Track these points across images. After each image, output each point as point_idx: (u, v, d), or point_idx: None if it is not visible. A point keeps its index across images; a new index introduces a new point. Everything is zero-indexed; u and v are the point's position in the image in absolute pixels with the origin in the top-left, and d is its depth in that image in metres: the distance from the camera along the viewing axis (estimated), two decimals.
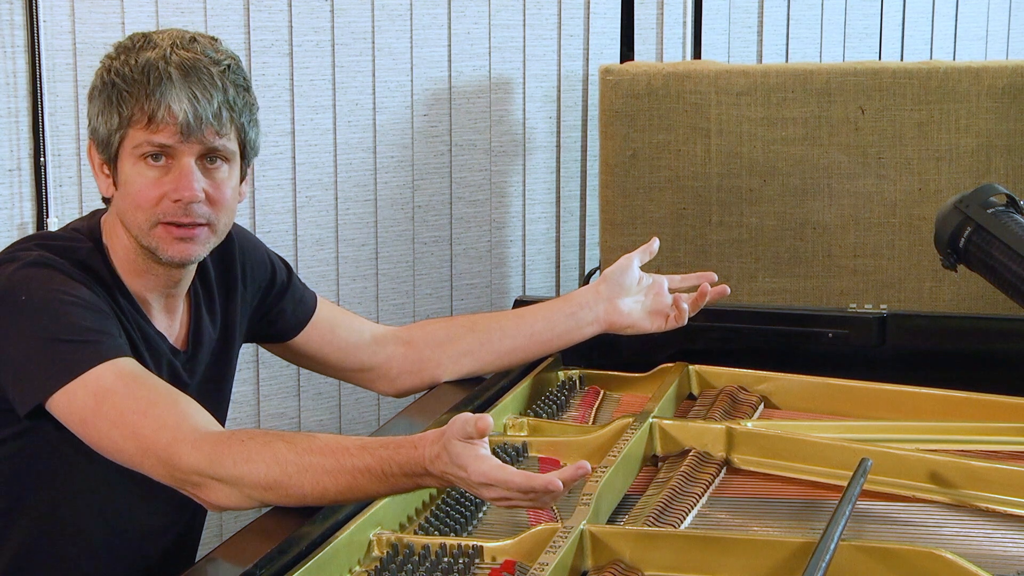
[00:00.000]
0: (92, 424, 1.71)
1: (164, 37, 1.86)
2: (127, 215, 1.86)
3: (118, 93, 1.82)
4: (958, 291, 3.18)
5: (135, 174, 1.84)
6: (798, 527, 1.73)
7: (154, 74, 1.81)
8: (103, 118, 1.85)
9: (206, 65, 1.84)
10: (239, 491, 1.64)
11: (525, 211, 3.61)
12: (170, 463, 1.67)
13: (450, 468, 1.57)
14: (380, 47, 3.33)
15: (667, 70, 3.26)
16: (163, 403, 1.71)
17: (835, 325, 2.33)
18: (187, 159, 1.83)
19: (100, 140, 1.86)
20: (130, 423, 1.69)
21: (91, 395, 1.70)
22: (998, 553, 1.64)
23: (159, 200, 1.83)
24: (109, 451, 1.72)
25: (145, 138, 1.82)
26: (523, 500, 1.56)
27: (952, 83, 3.18)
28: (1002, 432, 2.02)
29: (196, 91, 1.82)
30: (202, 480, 1.65)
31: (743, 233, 3.26)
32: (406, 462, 1.61)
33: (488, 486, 1.55)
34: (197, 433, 1.67)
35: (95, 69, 1.90)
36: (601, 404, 2.24)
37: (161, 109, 1.81)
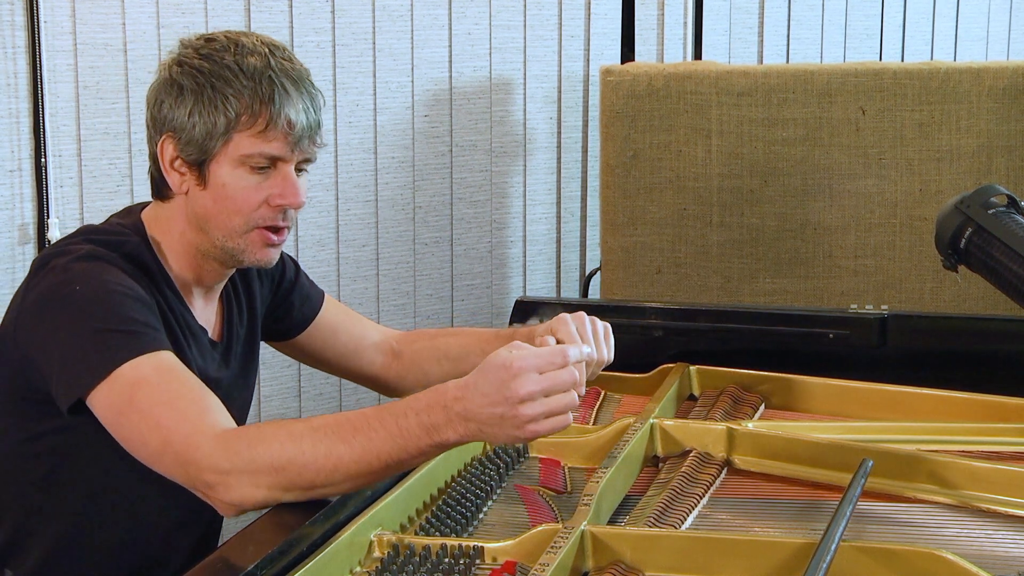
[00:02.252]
0: (125, 416, 1.70)
1: (255, 41, 1.88)
2: (215, 217, 1.87)
3: (222, 95, 1.83)
4: (959, 292, 3.18)
5: (236, 179, 1.85)
6: (799, 528, 1.73)
7: (266, 81, 1.83)
8: (198, 117, 1.84)
9: (305, 76, 1.88)
10: (251, 480, 1.61)
11: (526, 212, 3.61)
12: (186, 457, 1.65)
13: (475, 400, 1.56)
14: (381, 48, 3.33)
15: (668, 71, 3.26)
16: (189, 397, 1.71)
17: (836, 326, 2.33)
18: (290, 167, 1.87)
19: (190, 139, 1.85)
20: (156, 415, 1.68)
21: (128, 385, 1.70)
22: (999, 554, 1.64)
23: (260, 205, 1.86)
24: (136, 446, 1.71)
25: (256, 148, 1.83)
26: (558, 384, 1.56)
27: (953, 84, 3.18)
28: (1003, 433, 2.01)
29: (307, 102, 1.86)
30: (216, 478, 1.63)
31: (744, 234, 3.26)
32: (424, 408, 1.59)
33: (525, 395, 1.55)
34: (216, 429, 1.67)
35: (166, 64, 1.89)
36: (602, 405, 2.24)
37: (281, 119, 1.83)
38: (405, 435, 1.60)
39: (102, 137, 3.02)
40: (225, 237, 1.87)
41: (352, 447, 1.61)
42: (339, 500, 1.63)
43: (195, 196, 1.88)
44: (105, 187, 3.04)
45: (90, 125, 3.00)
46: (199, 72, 1.85)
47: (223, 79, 1.83)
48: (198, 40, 1.89)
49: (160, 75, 1.90)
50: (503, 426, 1.58)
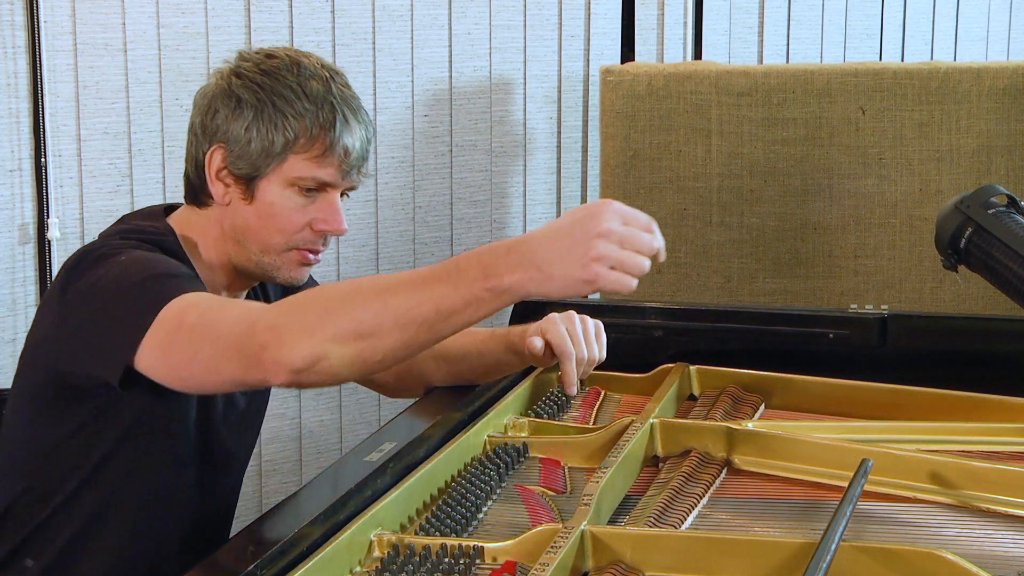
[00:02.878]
0: (176, 333, 1.67)
1: (316, 64, 1.89)
2: (256, 232, 1.89)
3: (283, 115, 1.84)
4: (959, 292, 3.18)
5: (284, 199, 1.87)
6: (799, 528, 1.73)
7: (327, 107, 1.85)
8: (256, 135, 1.85)
9: (360, 103, 1.91)
10: (302, 327, 1.57)
11: (526, 212, 3.61)
12: (240, 331, 1.62)
13: (544, 235, 1.53)
14: (381, 48, 3.33)
15: (668, 71, 3.26)
16: (243, 305, 1.71)
17: (836, 326, 2.33)
18: (336, 194, 1.90)
19: (243, 154, 1.86)
20: (208, 320, 1.67)
21: (176, 311, 1.68)
22: (999, 554, 1.64)
23: (303, 228, 1.88)
24: (186, 355, 1.68)
25: (310, 172, 1.86)
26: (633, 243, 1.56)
27: (953, 84, 3.18)
28: (1003, 432, 2.01)
29: (362, 132, 1.88)
30: (270, 335, 1.58)
31: (744, 234, 3.26)
32: (486, 248, 1.55)
33: (604, 230, 1.54)
34: (268, 305, 1.67)
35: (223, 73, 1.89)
36: (602, 404, 2.24)
37: (339, 146, 1.85)
38: (461, 274, 1.55)
39: (102, 137, 3.02)
40: (262, 252, 1.90)
41: (404, 287, 1.57)
42: (339, 500, 1.63)
43: (237, 208, 1.90)
44: (105, 187, 3.04)
45: (90, 125, 3.00)
46: (260, 88, 1.86)
47: (285, 99, 1.85)
48: (258, 54, 1.90)
49: (216, 83, 1.90)
50: (567, 261, 1.53)
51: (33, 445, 1.89)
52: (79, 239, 3.02)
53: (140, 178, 3.07)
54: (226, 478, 2.05)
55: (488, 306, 1.57)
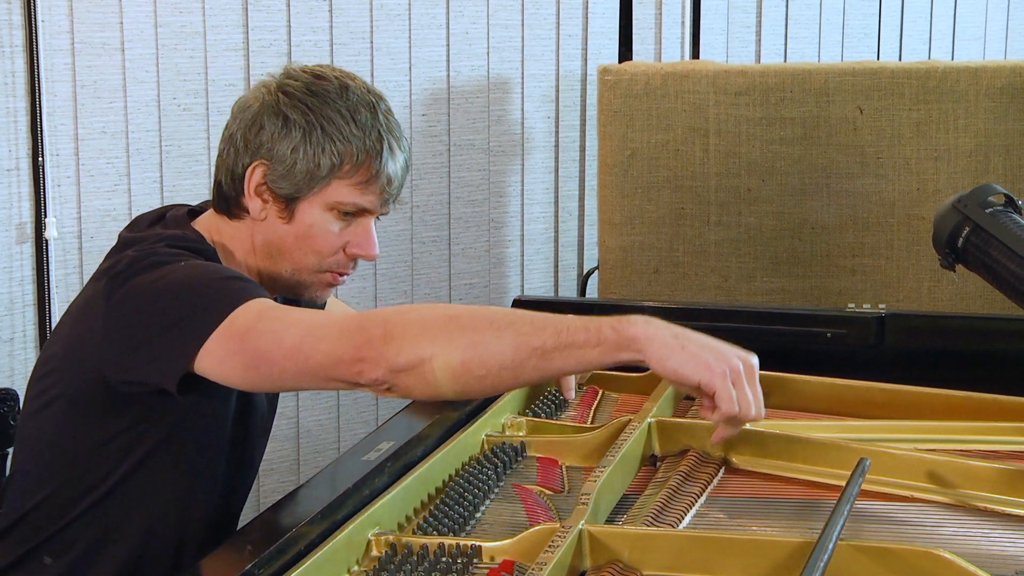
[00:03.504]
0: (253, 330, 1.67)
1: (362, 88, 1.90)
2: (291, 251, 1.90)
3: (330, 140, 1.84)
4: (956, 291, 3.18)
5: (323, 222, 1.88)
6: (796, 527, 1.73)
7: (375, 134, 1.86)
8: (302, 154, 1.85)
9: (402, 131, 1.92)
10: (419, 329, 1.58)
11: (523, 211, 3.61)
12: (341, 328, 1.63)
13: (693, 331, 1.60)
14: (378, 47, 3.33)
15: (665, 70, 3.26)
16: (324, 312, 1.75)
17: (833, 325, 2.33)
18: (372, 220, 1.92)
19: (287, 174, 1.87)
20: (295, 316, 1.68)
21: (253, 312, 1.69)
22: (996, 553, 1.64)
23: (337, 251, 1.90)
24: (263, 351, 1.67)
25: (352, 198, 1.87)
26: None
27: (950, 83, 3.18)
28: (1001, 432, 2.02)
29: (405, 159, 1.91)
30: (383, 331, 1.59)
31: (741, 233, 3.26)
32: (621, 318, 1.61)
33: (749, 365, 1.62)
34: None
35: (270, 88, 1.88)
36: (600, 404, 2.24)
37: (383, 176, 1.87)
38: (593, 318, 1.59)
39: (100, 136, 3.02)
40: (295, 271, 1.91)
41: (535, 316, 1.61)
42: (336, 499, 1.63)
43: (274, 225, 1.90)
44: (103, 186, 3.04)
45: (88, 124, 3.00)
46: (309, 110, 1.86)
47: (334, 123, 1.85)
48: (306, 73, 1.90)
49: (262, 97, 1.89)
50: (704, 349, 1.60)
51: (66, 448, 1.87)
52: (76, 238, 3.02)
53: (138, 177, 3.06)
54: (246, 483, 2.06)
55: (608, 349, 1.60)
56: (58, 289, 2.99)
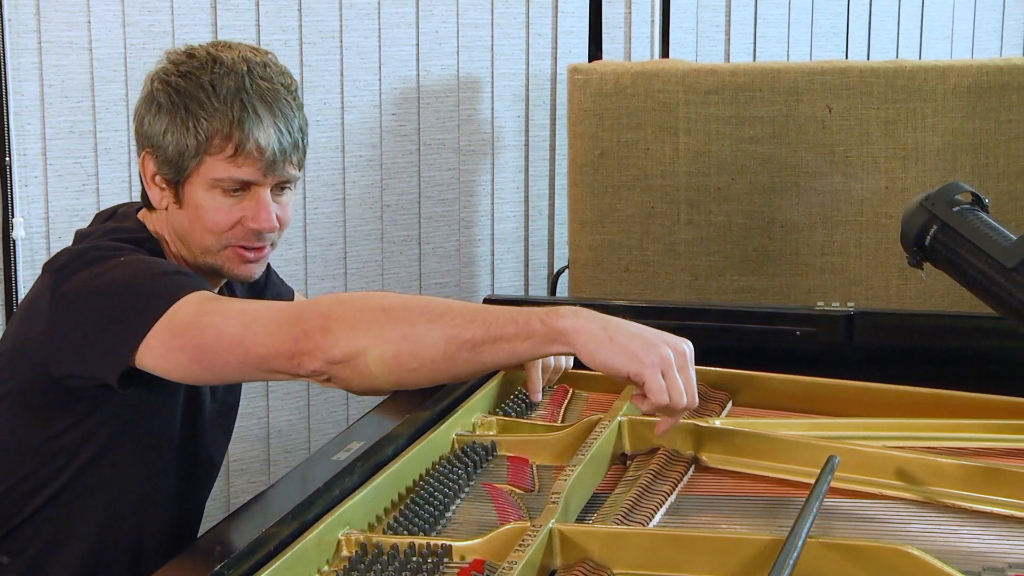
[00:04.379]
0: (195, 324, 1.68)
1: (235, 59, 1.86)
2: (192, 235, 1.89)
3: (194, 117, 1.83)
4: (924, 289, 3.20)
5: (209, 200, 1.86)
6: (766, 524, 1.74)
7: (237, 104, 1.82)
8: (171, 137, 1.84)
9: (284, 96, 1.87)
10: (352, 322, 1.59)
11: (494, 210, 3.61)
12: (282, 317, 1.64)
13: (623, 320, 1.60)
14: (348, 46, 3.32)
15: (635, 69, 3.27)
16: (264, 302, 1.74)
17: (803, 323, 2.34)
18: (264, 190, 1.87)
19: (165, 158, 1.86)
20: (236, 308, 1.69)
21: (194, 305, 1.69)
22: (963, 549, 1.65)
23: (233, 226, 1.87)
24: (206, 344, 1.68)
25: (227, 173, 1.84)
26: None
27: (918, 82, 3.19)
28: (968, 429, 2.03)
29: (280, 125, 1.85)
30: (320, 323, 1.61)
31: (711, 231, 3.27)
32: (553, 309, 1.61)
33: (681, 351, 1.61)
34: None
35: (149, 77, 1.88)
36: (570, 403, 2.24)
37: (249, 143, 1.82)
38: (523, 310, 1.60)
39: (67, 136, 3.00)
40: (203, 253, 1.90)
41: (464, 306, 1.61)
42: (307, 499, 1.63)
43: (173, 212, 1.90)
44: (71, 186, 3.02)
45: (55, 124, 2.99)
46: (176, 91, 1.85)
47: (196, 100, 1.83)
48: (180, 55, 1.89)
49: (145, 87, 1.90)
50: (634, 339, 1.60)
51: (17, 445, 1.88)
52: (44, 238, 3.00)
53: (106, 177, 3.05)
54: (204, 479, 2.06)
55: (538, 342, 1.60)
56: (26, 289, 2.97)
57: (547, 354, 1.61)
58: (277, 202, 1.90)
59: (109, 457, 1.86)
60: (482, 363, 1.62)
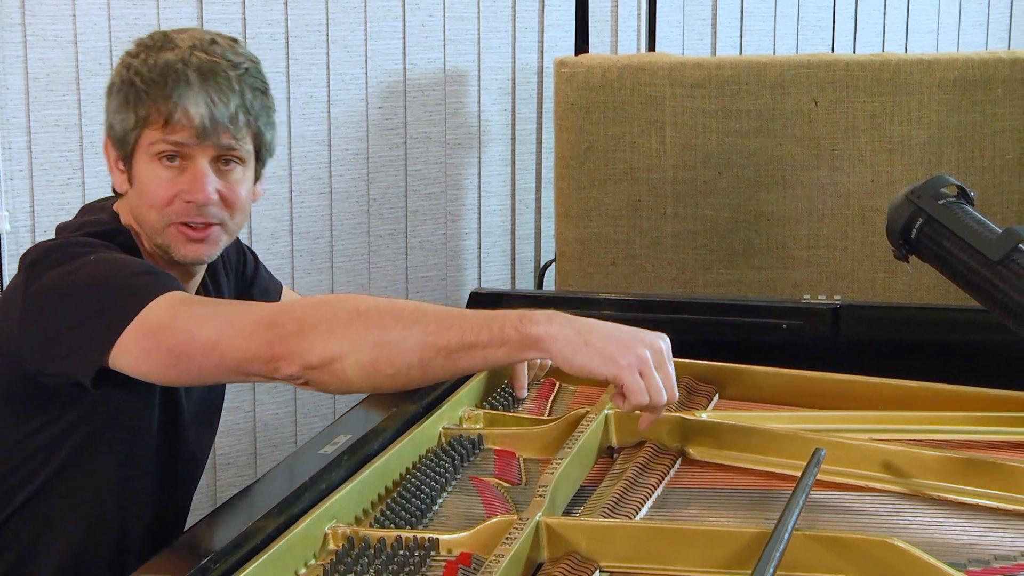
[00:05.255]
0: (168, 327, 1.67)
1: (185, 38, 1.87)
2: (141, 213, 1.89)
3: (135, 93, 1.84)
4: (910, 282, 3.20)
5: (149, 173, 1.86)
6: (753, 517, 1.74)
7: (171, 76, 1.83)
8: (120, 116, 1.86)
9: (224, 68, 1.86)
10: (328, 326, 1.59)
11: (480, 203, 3.61)
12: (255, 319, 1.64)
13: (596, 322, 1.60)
14: (334, 40, 3.32)
15: (622, 62, 3.27)
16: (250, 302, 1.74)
17: (789, 316, 2.34)
18: (202, 160, 1.86)
19: (116, 137, 1.88)
20: (209, 310, 1.69)
21: (166, 307, 1.69)
22: (949, 541, 1.65)
23: (171, 200, 1.86)
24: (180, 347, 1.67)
25: (160, 137, 1.84)
26: None
27: (904, 75, 3.20)
28: (954, 421, 2.03)
29: (213, 94, 1.84)
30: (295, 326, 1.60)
31: (698, 225, 3.28)
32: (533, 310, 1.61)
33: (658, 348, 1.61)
34: None
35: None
36: (557, 396, 2.24)
37: (178, 112, 1.82)
38: (498, 315, 1.60)
39: (53, 129, 3.00)
40: (152, 233, 1.89)
41: (439, 311, 1.61)
42: (293, 493, 1.63)
43: (130, 195, 1.91)
44: (56, 179, 3.01)
45: (40, 117, 2.98)
46: (125, 70, 1.87)
47: (139, 75, 1.84)
48: (141, 38, 1.90)
49: None
50: (609, 341, 1.59)
51: None
52: (30, 232, 2.99)
53: (92, 171, 3.04)
54: (187, 476, 2.05)
55: (513, 349, 1.60)
56: None
57: (523, 359, 1.62)
58: (223, 180, 1.88)
59: (88, 455, 1.85)
60: (457, 368, 1.63)
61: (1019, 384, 2.08)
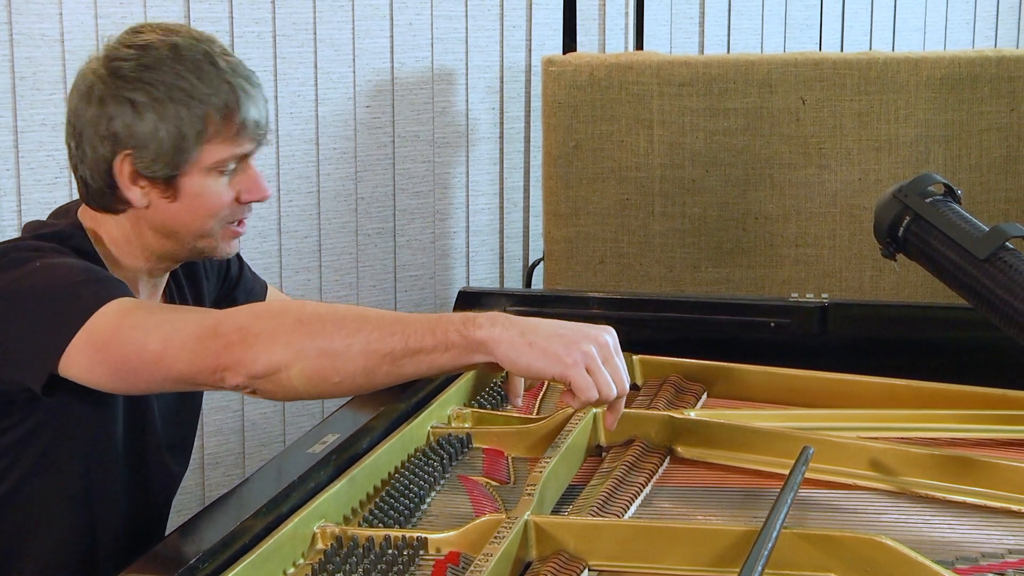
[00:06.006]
0: (114, 339, 1.66)
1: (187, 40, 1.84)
2: (187, 224, 1.86)
3: (186, 107, 1.80)
4: (898, 280, 3.21)
5: (210, 185, 1.85)
6: (741, 515, 1.74)
7: (226, 88, 1.81)
8: (165, 133, 1.80)
9: (245, 66, 1.87)
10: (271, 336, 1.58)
11: (468, 202, 3.61)
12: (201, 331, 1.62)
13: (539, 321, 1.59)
14: (322, 38, 3.31)
15: (609, 61, 3.27)
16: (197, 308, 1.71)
17: (777, 314, 2.35)
18: (252, 161, 1.87)
19: (158, 155, 1.81)
20: (155, 320, 1.66)
21: (113, 317, 1.67)
22: (937, 539, 1.66)
23: (231, 204, 1.87)
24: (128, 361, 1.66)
25: (229, 153, 1.83)
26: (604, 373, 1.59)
27: (891, 74, 3.20)
28: (941, 419, 2.04)
29: (261, 95, 1.86)
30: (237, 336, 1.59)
31: (686, 223, 3.28)
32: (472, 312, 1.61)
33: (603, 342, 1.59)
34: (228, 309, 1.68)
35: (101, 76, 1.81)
36: (545, 395, 2.24)
37: (249, 123, 1.83)
38: (441, 319, 1.59)
39: (39, 128, 2.99)
40: (197, 239, 1.88)
41: (382, 316, 1.60)
42: (282, 492, 1.63)
43: (160, 208, 1.85)
44: (43, 179, 3.01)
45: (27, 116, 2.97)
46: (151, 85, 1.80)
47: (181, 89, 1.80)
48: (129, 49, 1.83)
49: (97, 87, 1.82)
50: (553, 340, 1.57)
51: None
52: (17, 232, 2.98)
53: None
54: (161, 479, 2.03)
55: (458, 353, 1.59)
56: None
57: (469, 364, 1.61)
58: None
59: (52, 459, 1.83)
60: (404, 374, 1.61)
61: (1006, 382, 2.08)
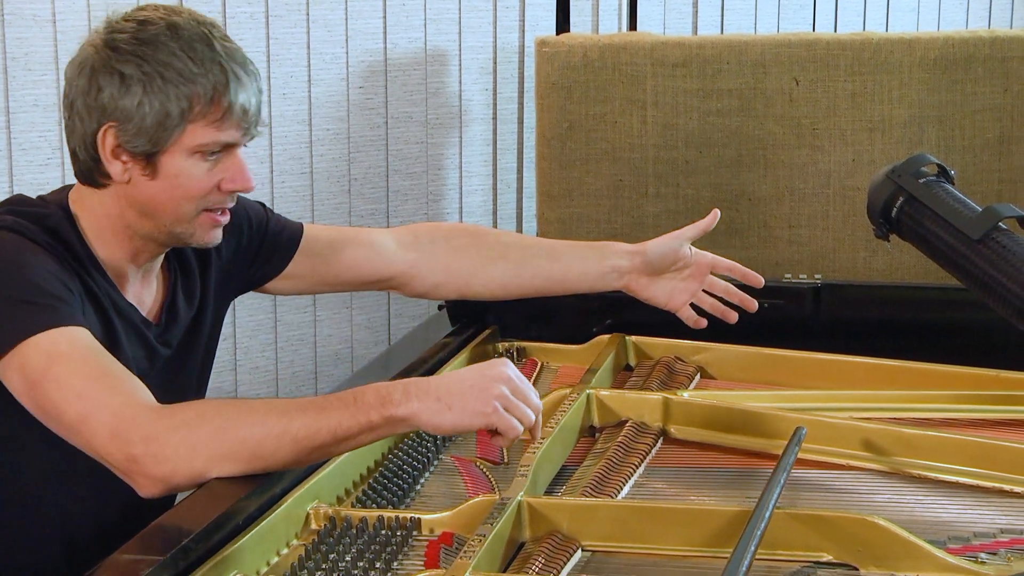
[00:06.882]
0: (40, 387, 1.65)
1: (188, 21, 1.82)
2: (165, 205, 1.84)
3: (174, 86, 1.78)
4: (891, 261, 3.21)
5: (189, 167, 1.82)
6: (734, 496, 1.75)
7: (217, 69, 1.79)
8: (148, 108, 1.78)
9: (244, 54, 1.85)
10: (189, 448, 1.57)
11: (462, 183, 3.61)
12: (114, 428, 1.60)
13: (445, 378, 1.64)
14: (315, 19, 3.30)
15: (603, 42, 3.26)
16: (118, 374, 1.67)
17: (770, 295, 2.35)
18: (238, 151, 1.85)
19: (139, 130, 1.80)
20: (77, 387, 1.64)
21: (43, 356, 1.65)
22: (929, 519, 1.66)
23: (211, 191, 1.84)
24: (50, 415, 1.66)
25: (212, 137, 1.80)
26: None
27: (885, 54, 3.20)
28: (934, 400, 2.04)
29: (255, 85, 1.84)
30: (147, 448, 1.58)
31: (679, 204, 3.28)
32: (385, 384, 1.63)
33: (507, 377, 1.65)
34: (150, 402, 1.64)
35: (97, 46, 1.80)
36: (539, 376, 2.24)
37: (236, 107, 1.80)
38: (359, 402, 1.61)
39: (31, 109, 2.98)
40: (174, 223, 1.85)
41: (304, 413, 1.60)
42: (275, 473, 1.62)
43: (140, 185, 1.83)
44: (35, 160, 3.00)
45: (19, 97, 2.96)
46: (144, 60, 1.79)
47: (171, 67, 1.78)
48: (129, 22, 1.82)
49: (92, 57, 1.82)
50: (467, 395, 1.61)
51: None
52: None
53: None
54: None
55: (384, 431, 1.64)
56: None
57: (396, 434, 1.69)
58: None
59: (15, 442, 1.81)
60: (336, 455, 1.69)
61: (999, 362, 2.09)
